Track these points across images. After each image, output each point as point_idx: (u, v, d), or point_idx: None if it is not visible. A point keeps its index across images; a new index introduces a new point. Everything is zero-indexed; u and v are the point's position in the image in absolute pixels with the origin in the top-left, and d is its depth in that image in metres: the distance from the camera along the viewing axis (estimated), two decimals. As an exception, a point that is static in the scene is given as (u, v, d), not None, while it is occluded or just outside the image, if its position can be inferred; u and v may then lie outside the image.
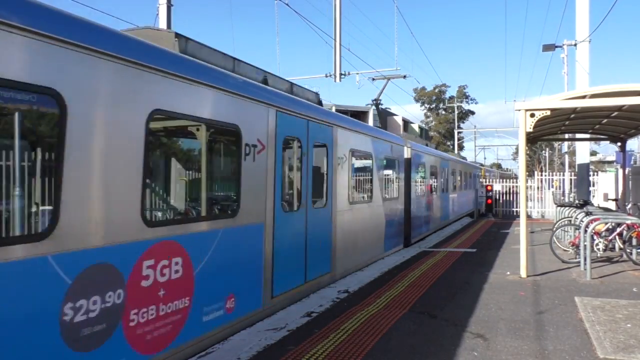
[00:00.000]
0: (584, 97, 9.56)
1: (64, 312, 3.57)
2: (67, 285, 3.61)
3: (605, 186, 21.43)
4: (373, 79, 19.26)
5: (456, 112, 65.15)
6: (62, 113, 3.60)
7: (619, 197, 17.38)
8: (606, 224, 11.12)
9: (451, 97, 73.54)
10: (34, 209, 3.85)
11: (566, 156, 34.25)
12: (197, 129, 5.46)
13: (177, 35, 5.80)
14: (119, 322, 4.06)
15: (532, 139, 17.03)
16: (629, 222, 10.48)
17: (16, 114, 3.60)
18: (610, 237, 10.97)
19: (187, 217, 5.67)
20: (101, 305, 3.89)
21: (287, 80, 8.26)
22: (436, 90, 74.45)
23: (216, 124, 5.45)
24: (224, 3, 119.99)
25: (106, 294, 3.95)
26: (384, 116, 16.28)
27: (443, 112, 74.45)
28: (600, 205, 17.35)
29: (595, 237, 10.69)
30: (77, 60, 3.72)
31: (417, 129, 22.49)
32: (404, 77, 18.14)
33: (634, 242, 10.56)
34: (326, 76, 20.73)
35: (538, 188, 26.54)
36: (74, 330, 3.65)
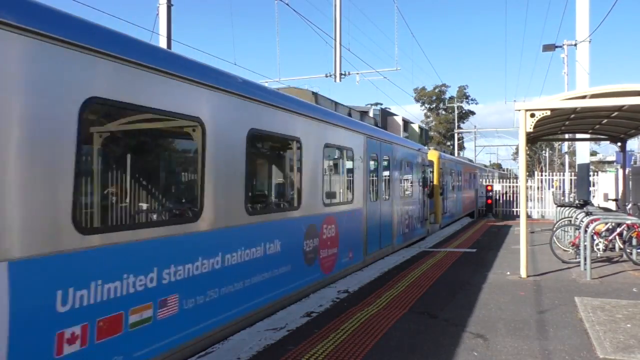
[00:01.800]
0: (584, 97, 9.56)
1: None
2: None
3: (606, 186, 21.42)
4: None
5: (456, 112, 65.17)
6: None
7: (619, 197, 17.37)
8: (606, 224, 11.12)
9: (451, 97, 73.56)
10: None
11: (566, 156, 34.27)
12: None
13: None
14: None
15: (532, 139, 17.02)
16: (629, 222, 10.47)
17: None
18: (610, 237, 10.96)
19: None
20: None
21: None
22: (436, 90, 74.45)
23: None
24: (224, 3, 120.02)
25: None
26: None
27: (443, 112, 74.45)
28: (601, 206, 17.35)
29: (595, 237, 10.69)
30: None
31: (417, 129, 22.44)
32: None
33: (634, 242, 10.55)
34: (326, 76, 20.73)
35: (538, 188, 26.53)
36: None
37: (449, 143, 69.17)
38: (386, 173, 11.91)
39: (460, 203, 23.79)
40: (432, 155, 18.40)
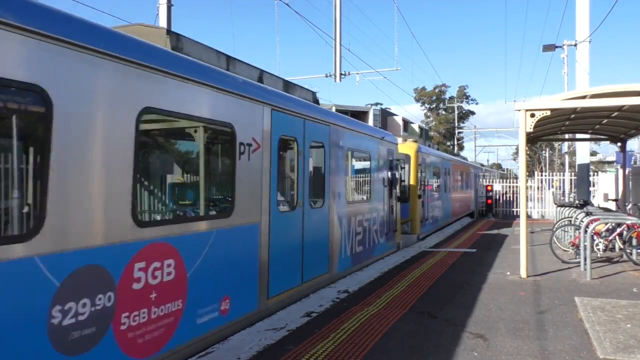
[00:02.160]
0: (584, 97, 9.56)
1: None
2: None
3: (606, 186, 21.43)
4: None
5: (456, 112, 65.19)
6: None
7: (619, 197, 17.37)
8: (606, 224, 11.12)
9: (451, 97, 73.57)
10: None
11: (566, 156, 34.26)
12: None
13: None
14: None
15: (532, 139, 17.03)
16: (629, 222, 10.47)
17: None
18: (610, 238, 10.96)
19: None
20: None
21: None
22: (436, 90, 74.43)
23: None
24: (224, 3, 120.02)
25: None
26: None
27: (443, 112, 74.43)
28: (601, 206, 17.35)
29: (595, 238, 10.68)
30: None
31: (417, 129, 22.30)
32: None
33: (634, 242, 10.55)
34: (326, 76, 20.74)
35: (538, 188, 26.53)
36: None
37: (449, 143, 69.19)
38: (319, 167, 8.44)
39: (449, 207, 20.29)
40: (408, 148, 14.83)
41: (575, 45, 17.18)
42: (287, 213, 7.16)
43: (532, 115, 9.33)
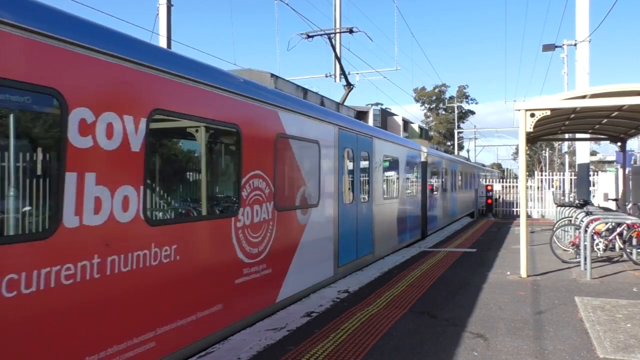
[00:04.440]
0: (584, 97, 9.56)
1: None
2: None
3: (606, 186, 21.43)
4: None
5: (456, 112, 65.19)
6: None
7: (619, 197, 17.37)
8: (606, 223, 11.12)
9: (451, 97, 73.59)
10: None
11: (566, 156, 34.25)
12: None
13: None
14: None
15: (532, 139, 17.03)
16: (629, 222, 10.47)
17: None
18: (610, 237, 10.96)
19: None
20: None
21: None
22: (436, 90, 74.50)
23: None
24: (224, 3, 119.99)
25: None
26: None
27: (443, 112, 74.46)
28: (601, 205, 17.35)
29: (595, 237, 10.69)
30: None
31: (417, 129, 22.27)
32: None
33: (634, 242, 10.56)
34: (326, 76, 20.73)
35: (538, 188, 26.53)
36: None
37: (449, 143, 69.22)
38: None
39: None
40: None
41: (575, 45, 17.17)
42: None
43: (532, 115, 9.33)
